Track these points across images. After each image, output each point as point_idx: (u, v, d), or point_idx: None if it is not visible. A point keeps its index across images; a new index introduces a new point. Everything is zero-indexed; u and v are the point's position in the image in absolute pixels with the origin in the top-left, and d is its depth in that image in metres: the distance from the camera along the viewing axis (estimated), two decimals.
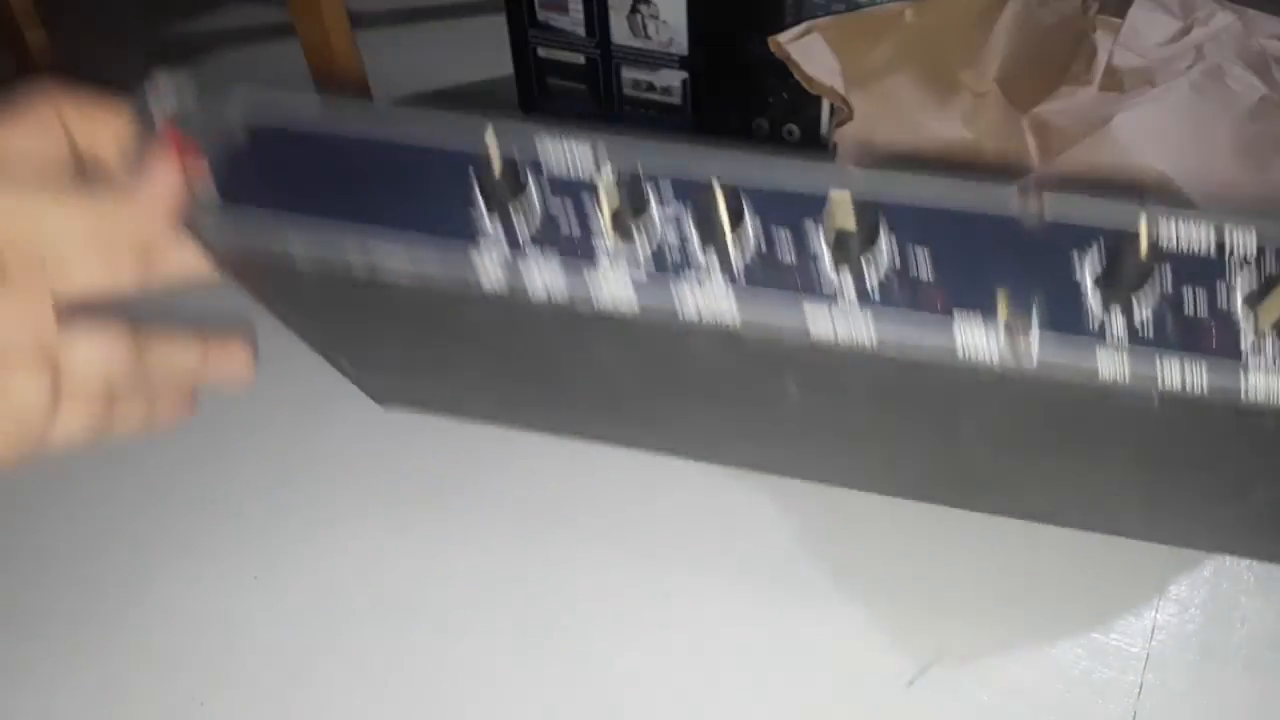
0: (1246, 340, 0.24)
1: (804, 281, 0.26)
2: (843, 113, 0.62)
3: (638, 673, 0.46)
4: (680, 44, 0.81)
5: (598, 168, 0.28)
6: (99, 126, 0.32)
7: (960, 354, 0.25)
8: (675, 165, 0.27)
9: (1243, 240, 0.25)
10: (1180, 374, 0.24)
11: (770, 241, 0.26)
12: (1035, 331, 0.25)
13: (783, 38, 0.62)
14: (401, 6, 1.26)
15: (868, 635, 0.47)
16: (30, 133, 0.30)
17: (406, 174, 0.29)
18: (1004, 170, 0.23)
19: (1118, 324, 0.25)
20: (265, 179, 0.30)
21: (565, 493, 0.55)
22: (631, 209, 0.27)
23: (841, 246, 0.26)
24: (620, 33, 0.83)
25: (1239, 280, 0.25)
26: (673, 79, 0.83)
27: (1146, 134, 0.58)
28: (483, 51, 1.07)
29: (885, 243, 0.26)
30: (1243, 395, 0.24)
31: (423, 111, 0.30)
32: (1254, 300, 0.25)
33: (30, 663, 0.48)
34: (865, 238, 0.26)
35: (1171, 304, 0.25)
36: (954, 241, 0.26)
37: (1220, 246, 0.25)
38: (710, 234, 0.26)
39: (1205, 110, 0.59)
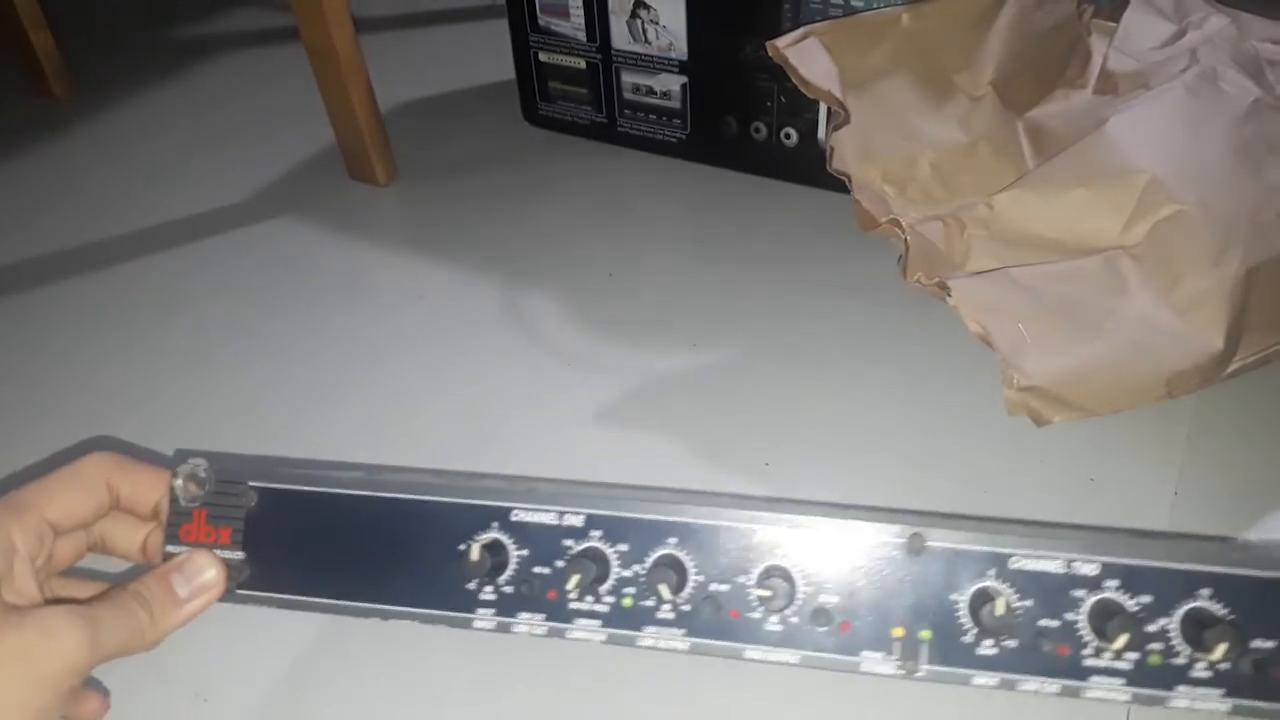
0: (1097, 660, 0.31)
1: (742, 630, 0.33)
2: (839, 116, 0.62)
3: None
4: (680, 49, 0.82)
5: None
6: (141, 490, 0.37)
7: (863, 669, 0.32)
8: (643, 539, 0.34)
9: (1086, 569, 0.31)
10: (1039, 688, 0.31)
11: (714, 597, 0.33)
12: (924, 654, 0.32)
13: (780, 42, 0.63)
14: (405, 11, 1.26)
15: None
16: (75, 491, 0.36)
17: (400, 541, 0.36)
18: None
19: (988, 648, 0.32)
20: (279, 552, 0.36)
21: None
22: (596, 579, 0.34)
23: (771, 598, 0.33)
24: (620, 38, 0.84)
25: (1086, 607, 0.31)
26: (672, 83, 0.84)
27: (1141, 137, 0.59)
28: (485, 56, 1.08)
29: (799, 585, 0.33)
30: (1085, 695, 0.31)
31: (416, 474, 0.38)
32: (1099, 625, 0.31)
33: None
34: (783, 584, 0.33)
35: (1031, 632, 0.31)
36: (853, 576, 0.33)
37: (1069, 578, 0.31)
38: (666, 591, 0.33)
39: (1199, 113, 0.60)
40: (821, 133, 0.79)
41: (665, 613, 0.33)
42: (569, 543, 0.34)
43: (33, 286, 0.78)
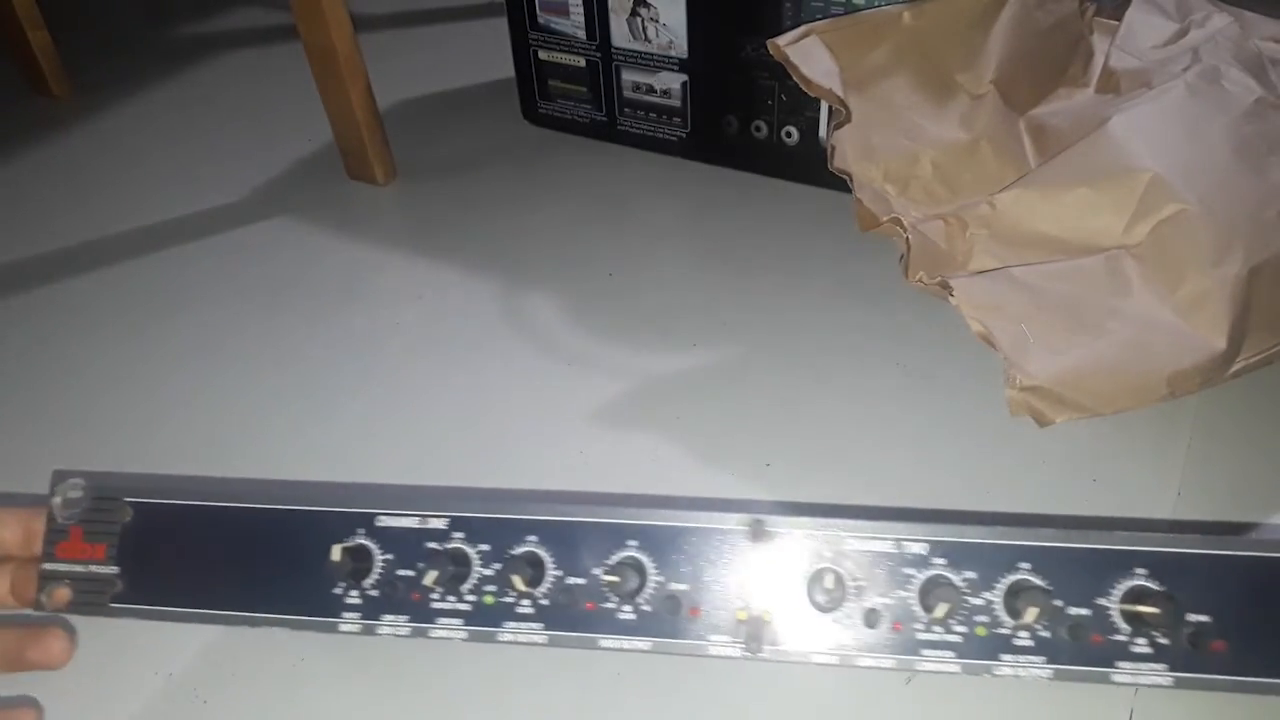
0: (928, 634, 0.33)
1: (597, 621, 0.35)
2: (841, 115, 0.62)
3: None
4: (680, 47, 0.82)
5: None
6: (10, 525, 0.38)
7: (711, 653, 0.34)
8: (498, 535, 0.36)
9: (916, 548, 0.33)
10: (874, 663, 0.33)
11: (570, 590, 0.35)
12: (767, 636, 0.34)
13: (781, 41, 0.62)
14: (404, 9, 1.26)
15: None
16: None
17: (270, 551, 0.37)
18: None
19: (826, 625, 0.33)
20: (154, 566, 0.37)
21: None
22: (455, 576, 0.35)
23: (620, 584, 0.34)
24: (620, 36, 0.84)
25: (915, 582, 0.33)
26: (672, 82, 0.84)
27: (1143, 136, 0.59)
28: (484, 54, 1.08)
29: (650, 575, 0.34)
30: (915, 670, 0.33)
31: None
32: (925, 598, 0.33)
33: None
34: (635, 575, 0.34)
35: (868, 610, 0.33)
36: (701, 563, 0.34)
37: (900, 557, 0.33)
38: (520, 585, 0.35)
39: (1201, 112, 0.60)
40: (823, 131, 0.79)
41: (524, 608, 0.35)
42: (432, 545, 0.35)
43: (31, 286, 0.77)
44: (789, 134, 0.81)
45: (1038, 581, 0.32)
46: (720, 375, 0.64)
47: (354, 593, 0.36)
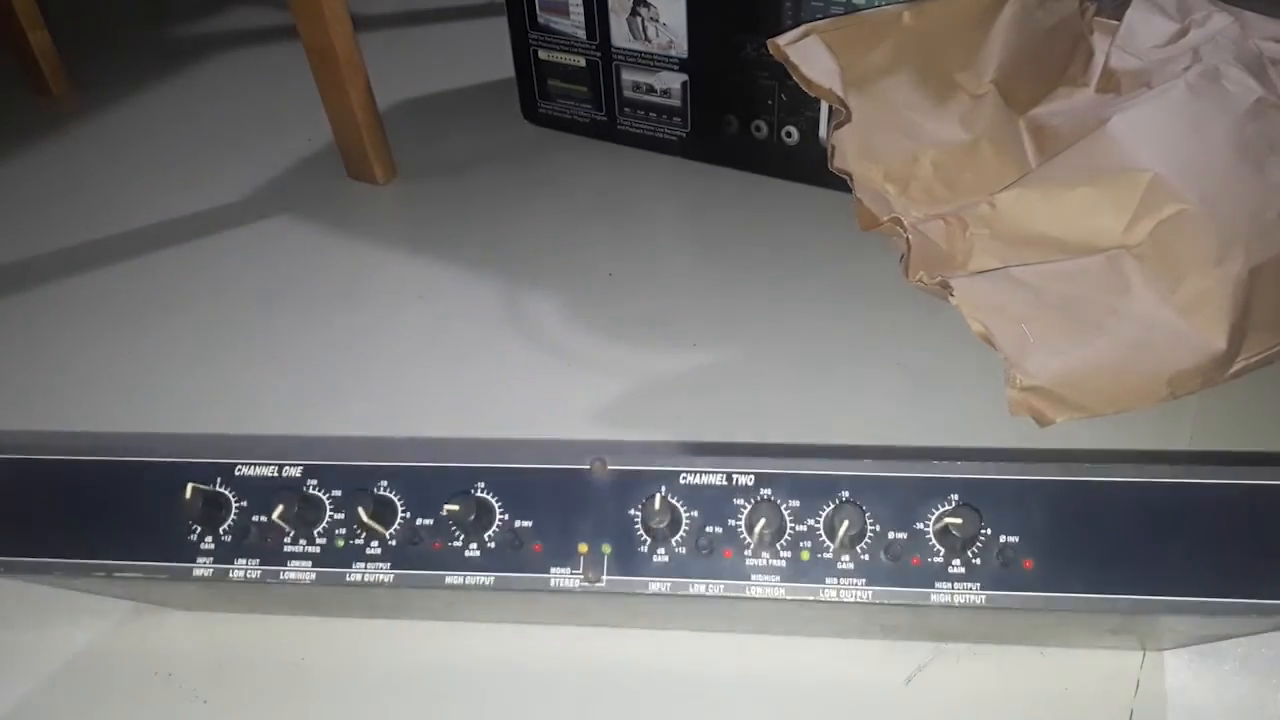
0: (757, 560, 0.35)
1: (444, 559, 0.36)
2: (841, 114, 0.62)
3: None
4: (680, 46, 0.81)
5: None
6: None
7: (552, 585, 0.35)
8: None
9: (744, 480, 0.35)
10: (705, 590, 0.35)
11: (418, 530, 0.37)
12: (606, 567, 0.35)
13: (781, 40, 0.62)
14: (404, 9, 1.26)
15: None
16: None
17: (125, 501, 0.38)
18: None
19: (661, 557, 0.35)
20: (11, 520, 0.38)
21: None
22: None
23: (466, 523, 0.35)
24: (620, 35, 0.84)
25: (744, 511, 0.35)
26: (673, 81, 0.84)
27: (1143, 135, 0.59)
28: (484, 54, 1.08)
29: (497, 513, 0.36)
30: (746, 594, 0.35)
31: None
32: (751, 525, 0.34)
33: None
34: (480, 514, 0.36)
35: (699, 538, 0.35)
36: (544, 501, 0.36)
37: (730, 489, 0.35)
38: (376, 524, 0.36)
39: (1202, 111, 0.60)
40: (823, 131, 0.79)
41: (374, 549, 0.36)
42: (287, 491, 0.37)
43: (31, 286, 0.77)
44: (789, 134, 0.81)
45: (857, 508, 0.34)
46: (720, 375, 0.64)
47: (209, 539, 0.37)
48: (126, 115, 1.04)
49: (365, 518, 0.35)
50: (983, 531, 0.34)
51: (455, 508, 0.35)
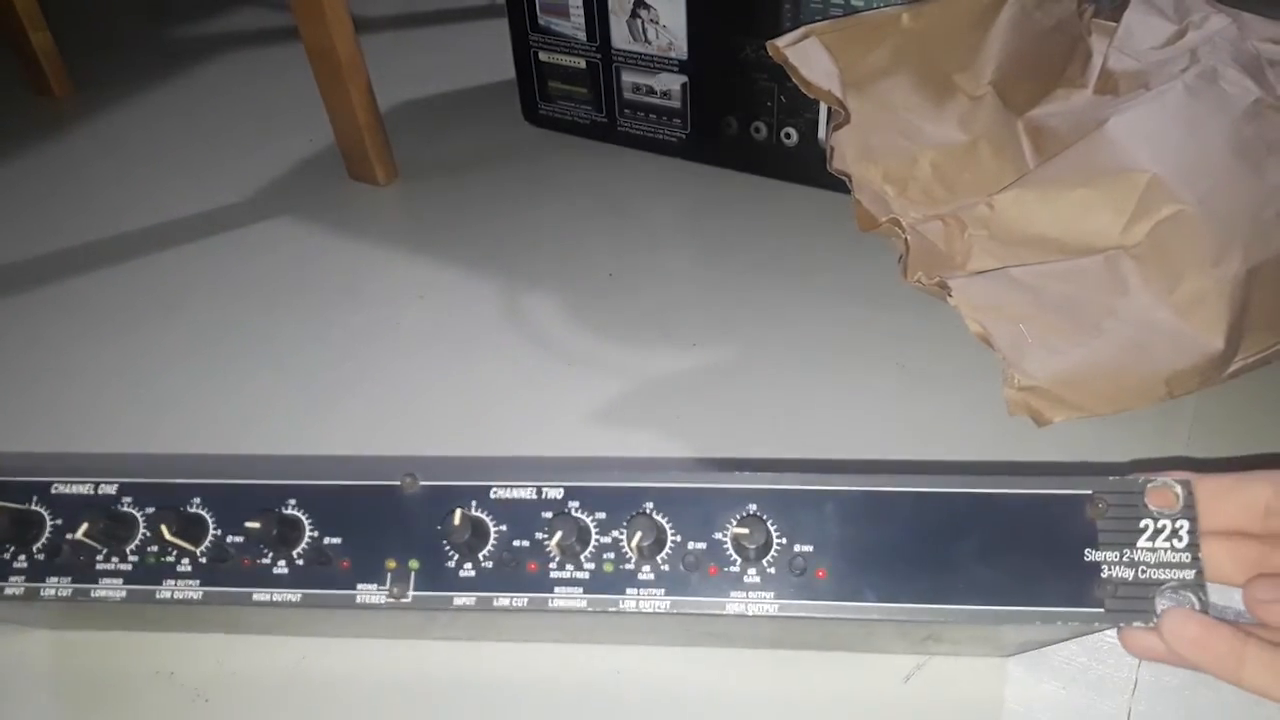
0: (561, 573, 0.35)
1: (252, 577, 0.37)
2: (840, 116, 0.62)
3: None
4: (680, 48, 0.82)
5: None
6: None
7: (358, 601, 0.36)
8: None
9: (553, 494, 0.36)
10: (509, 604, 0.35)
11: (227, 549, 0.37)
12: (412, 582, 0.36)
13: (780, 42, 0.63)
14: (405, 11, 1.26)
15: None
16: None
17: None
18: None
19: (468, 571, 0.36)
20: None
21: None
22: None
23: (273, 540, 0.36)
24: (620, 37, 0.84)
25: (548, 525, 0.35)
26: (672, 83, 0.84)
27: (1141, 136, 0.59)
28: (484, 55, 1.08)
29: (306, 531, 0.36)
30: (549, 607, 0.35)
31: None
32: (554, 537, 0.34)
33: None
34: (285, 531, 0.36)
35: (504, 552, 0.36)
36: (355, 518, 0.37)
37: (539, 503, 0.36)
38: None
39: (1200, 113, 0.60)
40: (822, 132, 0.79)
41: (184, 566, 0.37)
42: (99, 511, 0.37)
43: (31, 286, 0.77)
44: (788, 135, 0.81)
45: (654, 519, 0.35)
46: (720, 375, 0.64)
47: (21, 557, 0.37)
48: (128, 115, 1.05)
49: (168, 535, 0.35)
50: (778, 541, 0.35)
51: (256, 525, 0.35)
